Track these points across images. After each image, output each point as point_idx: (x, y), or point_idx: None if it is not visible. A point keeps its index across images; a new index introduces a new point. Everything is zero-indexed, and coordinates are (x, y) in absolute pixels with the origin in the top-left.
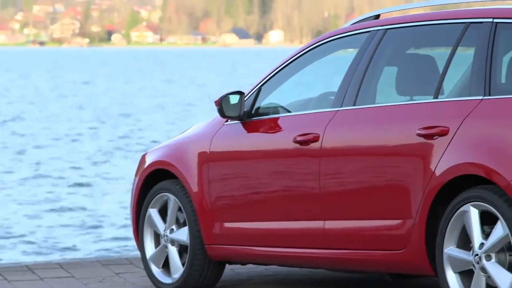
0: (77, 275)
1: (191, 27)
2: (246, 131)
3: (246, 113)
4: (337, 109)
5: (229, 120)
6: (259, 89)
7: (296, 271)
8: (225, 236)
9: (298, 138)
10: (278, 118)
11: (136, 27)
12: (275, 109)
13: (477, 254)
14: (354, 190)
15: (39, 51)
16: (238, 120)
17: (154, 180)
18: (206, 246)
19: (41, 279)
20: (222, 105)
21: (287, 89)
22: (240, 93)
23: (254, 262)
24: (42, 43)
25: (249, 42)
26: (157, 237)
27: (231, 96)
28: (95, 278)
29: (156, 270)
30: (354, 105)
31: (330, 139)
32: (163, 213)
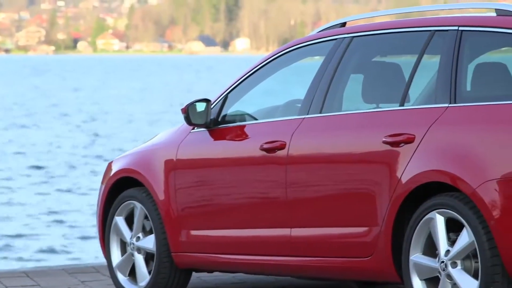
0: (43, 284)
1: (157, 35)
2: (212, 139)
3: (213, 120)
4: (303, 116)
5: (195, 127)
6: (226, 96)
7: (263, 279)
8: (191, 244)
9: (265, 146)
10: (244, 126)
11: (102, 35)
12: (242, 116)
13: (443, 261)
14: (320, 198)
15: (5, 59)
16: (204, 127)
17: (120, 188)
18: (172, 254)
19: None
20: (188, 112)
21: (254, 96)
22: (206, 100)
23: (221, 270)
24: (7, 51)
25: (215, 50)
26: (123, 245)
27: (198, 103)
28: (61, 287)
29: (122, 278)
30: (321, 112)
31: (296, 147)
32: (130, 221)
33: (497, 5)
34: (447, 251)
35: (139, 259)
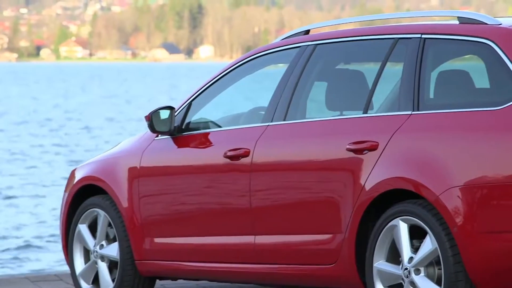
0: None
1: (121, 42)
2: (176, 146)
3: (177, 128)
4: (267, 124)
5: (159, 135)
6: (190, 104)
7: (227, 286)
8: (155, 251)
9: (229, 153)
10: (208, 133)
11: (65, 42)
12: (206, 124)
13: (406, 268)
14: (284, 205)
15: None
16: (168, 135)
17: (83, 195)
18: (136, 261)
19: None
20: (152, 120)
21: (218, 104)
22: (170, 108)
23: (185, 277)
24: None
25: (179, 57)
26: (86, 253)
27: (162, 111)
28: None
29: (85, 286)
30: (285, 120)
31: (260, 154)
32: (93, 228)
33: (459, 13)
34: (411, 258)
35: (103, 267)
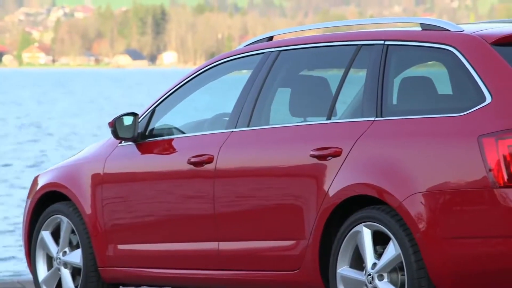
0: None
1: (84, 48)
2: (140, 153)
3: (140, 134)
4: (231, 130)
5: (122, 141)
6: (153, 110)
7: None
8: (119, 258)
9: (193, 160)
10: (172, 140)
11: (28, 48)
12: (169, 130)
13: (369, 274)
14: (248, 211)
15: None
16: (132, 141)
17: (46, 202)
18: (99, 268)
19: None
20: (115, 126)
21: (181, 110)
22: (134, 114)
23: (149, 284)
24: None
25: (142, 63)
26: (49, 259)
27: (125, 117)
28: None
29: None
30: (248, 126)
31: (224, 160)
32: (56, 235)
33: (422, 19)
34: (374, 264)
35: (66, 274)
